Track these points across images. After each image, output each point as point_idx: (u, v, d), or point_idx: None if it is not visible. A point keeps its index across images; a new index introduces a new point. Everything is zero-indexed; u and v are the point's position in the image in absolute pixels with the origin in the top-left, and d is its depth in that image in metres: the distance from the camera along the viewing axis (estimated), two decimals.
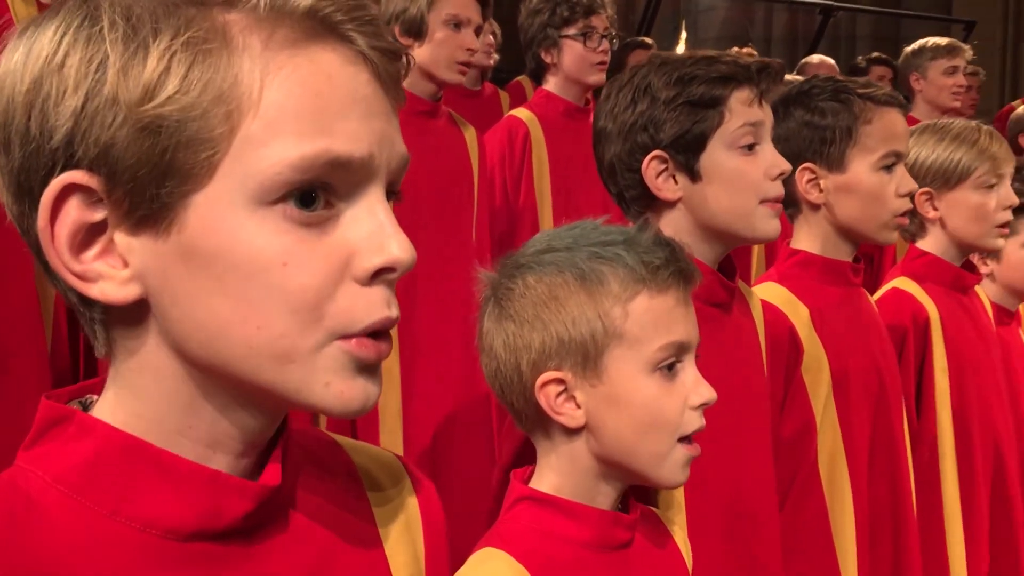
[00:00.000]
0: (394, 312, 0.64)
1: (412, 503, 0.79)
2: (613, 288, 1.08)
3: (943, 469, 1.90)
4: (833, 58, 5.25)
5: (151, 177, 0.59)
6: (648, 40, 4.74)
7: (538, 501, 1.11)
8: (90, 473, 0.63)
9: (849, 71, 5.16)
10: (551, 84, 2.91)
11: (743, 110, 1.39)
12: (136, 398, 0.65)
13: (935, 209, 2.03)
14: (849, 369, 1.69)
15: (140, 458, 0.64)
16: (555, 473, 1.13)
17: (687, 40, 6.94)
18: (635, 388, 1.09)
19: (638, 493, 1.19)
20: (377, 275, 0.63)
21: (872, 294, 1.95)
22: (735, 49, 4.50)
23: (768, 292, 1.67)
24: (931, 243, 2.06)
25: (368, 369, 0.64)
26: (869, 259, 2.74)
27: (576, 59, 2.83)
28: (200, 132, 0.59)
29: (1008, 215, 2.02)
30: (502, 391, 1.13)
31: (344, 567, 0.72)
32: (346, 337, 0.63)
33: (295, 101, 0.60)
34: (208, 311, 0.62)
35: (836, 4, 6.76)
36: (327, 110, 0.61)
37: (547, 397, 1.10)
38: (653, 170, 1.41)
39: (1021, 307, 2.45)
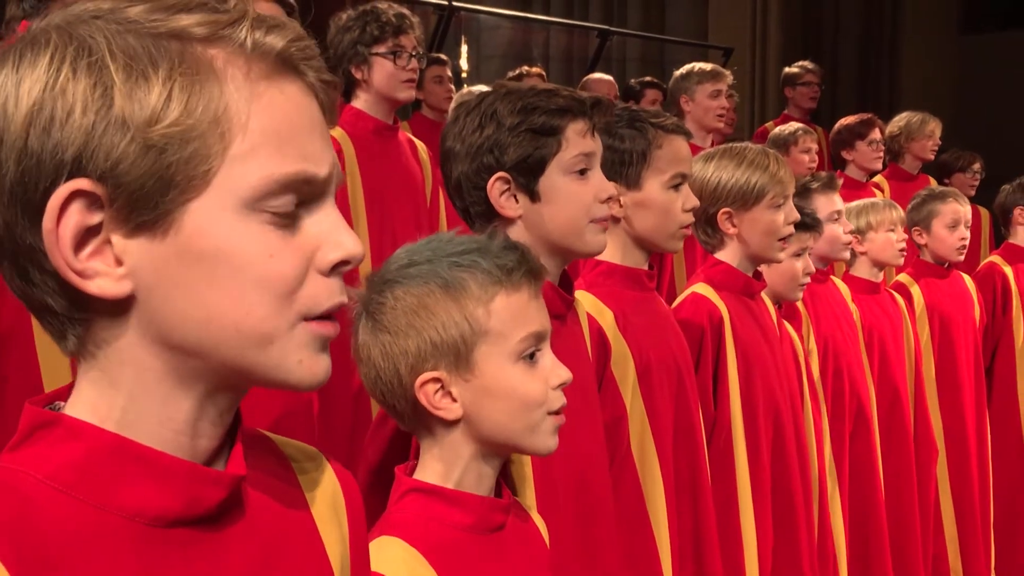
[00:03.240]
0: (344, 298, 0.77)
1: (336, 488, 0.89)
2: (474, 292, 1.22)
3: (736, 452, 2.16)
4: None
5: (156, 188, 0.69)
6: (443, 56, 4.91)
7: (425, 492, 1.24)
8: (82, 470, 0.71)
9: (624, 93, 5.53)
10: (360, 101, 3.00)
11: (578, 140, 1.56)
12: (118, 392, 0.73)
13: (734, 226, 2.30)
14: (651, 363, 1.90)
15: (127, 455, 0.72)
16: (440, 463, 1.25)
17: (469, 56, 7.17)
18: (504, 377, 1.23)
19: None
20: (336, 267, 0.75)
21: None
22: (525, 68, 4.75)
23: (578, 299, 1.87)
24: (728, 255, 2.33)
25: (327, 347, 0.76)
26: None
27: (386, 77, 2.93)
28: (199, 150, 0.69)
29: (791, 229, 2.33)
30: (383, 396, 1.25)
31: (291, 543, 0.82)
32: (310, 319, 0.74)
33: (274, 125, 0.72)
34: (200, 302, 0.71)
35: (612, 29, 7.23)
36: (299, 135, 0.73)
37: (427, 395, 1.22)
38: (497, 189, 1.56)
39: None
